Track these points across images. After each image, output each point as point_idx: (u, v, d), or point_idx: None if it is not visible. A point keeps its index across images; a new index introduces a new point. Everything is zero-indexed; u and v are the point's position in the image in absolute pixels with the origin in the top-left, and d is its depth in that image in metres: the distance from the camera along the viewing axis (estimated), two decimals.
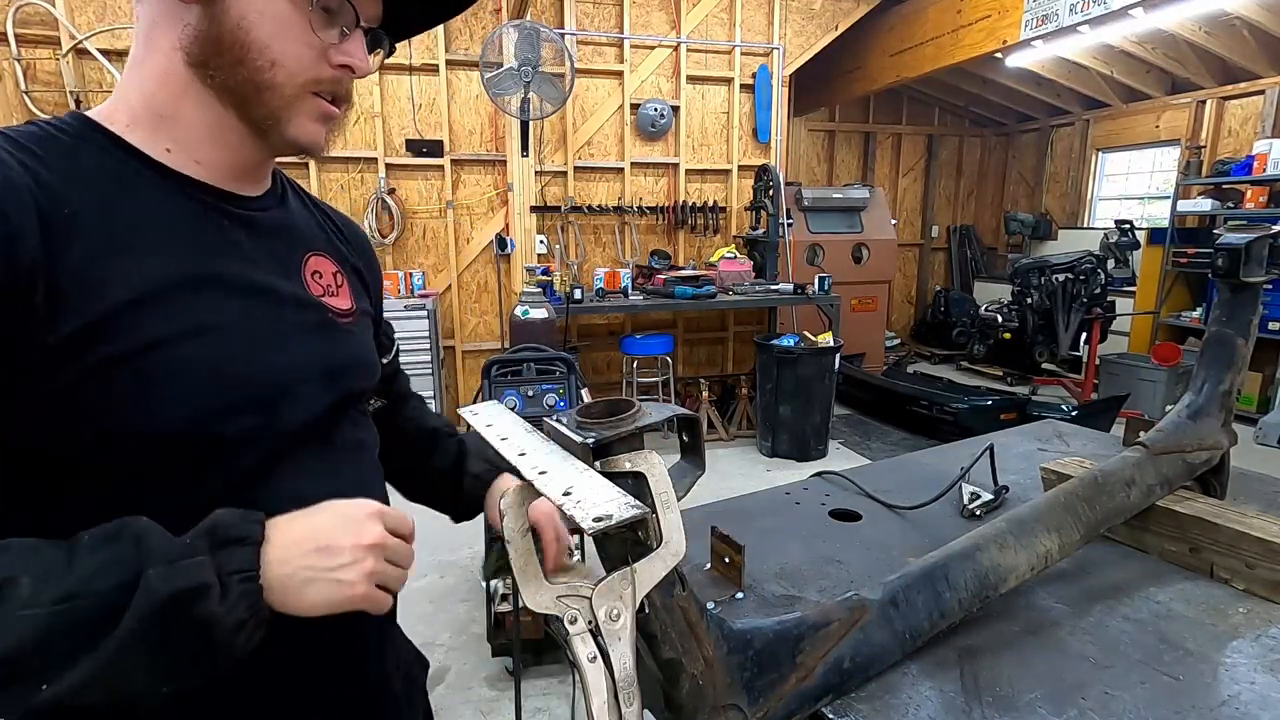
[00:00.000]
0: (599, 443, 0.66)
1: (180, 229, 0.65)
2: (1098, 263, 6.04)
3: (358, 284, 0.85)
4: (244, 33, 0.62)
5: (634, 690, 0.58)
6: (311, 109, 0.68)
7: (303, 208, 0.82)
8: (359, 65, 0.67)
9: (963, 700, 0.79)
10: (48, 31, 4.26)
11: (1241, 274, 1.13)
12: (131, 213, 0.62)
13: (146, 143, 0.65)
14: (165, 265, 0.62)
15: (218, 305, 0.64)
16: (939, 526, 1.25)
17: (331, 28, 0.66)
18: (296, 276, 0.75)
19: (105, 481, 0.59)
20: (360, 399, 0.82)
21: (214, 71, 0.63)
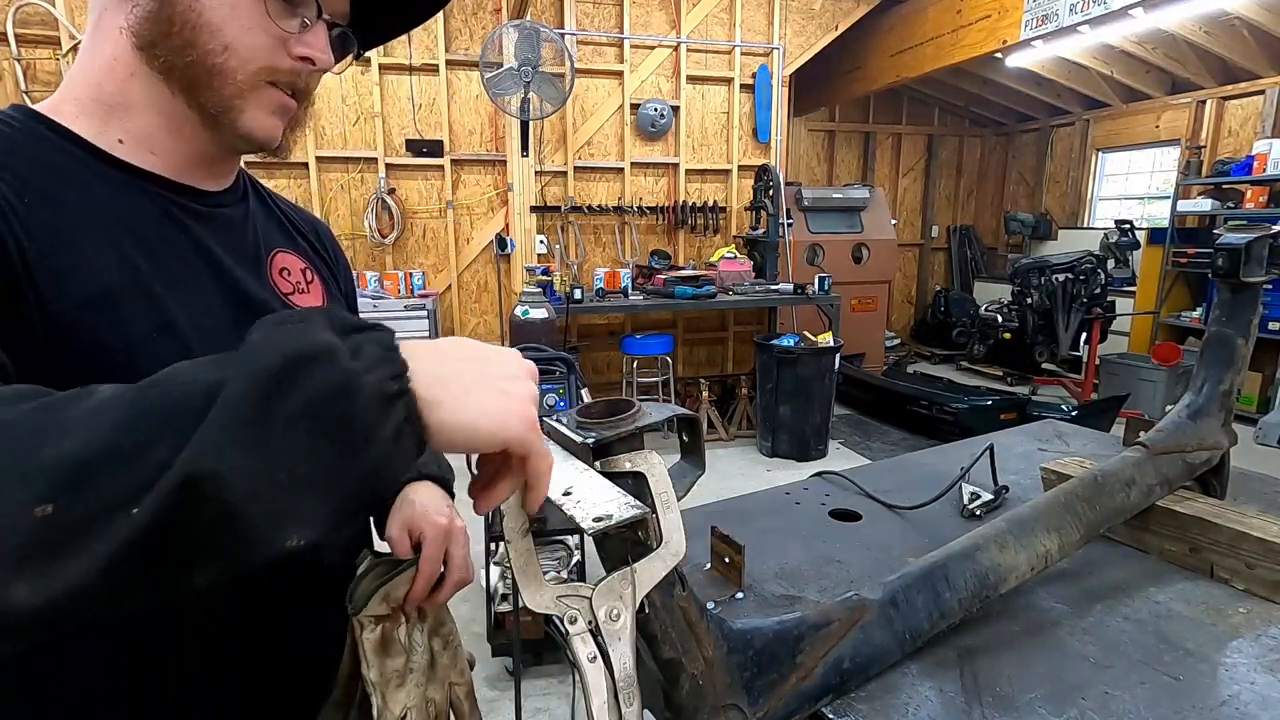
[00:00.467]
0: (599, 443, 0.66)
1: (134, 226, 0.61)
2: (1098, 263, 6.04)
3: (329, 285, 0.82)
4: (196, 14, 0.58)
5: (634, 690, 0.58)
6: (267, 101, 0.64)
7: (263, 206, 0.79)
8: (319, 57, 0.64)
9: (963, 700, 0.79)
10: (48, 31, 4.26)
11: (1241, 274, 1.13)
12: (79, 209, 0.58)
13: (97, 134, 0.61)
14: (117, 266, 0.58)
15: (177, 308, 0.61)
16: (939, 526, 1.25)
17: (292, 17, 0.62)
18: (263, 275, 0.72)
19: None
20: None
21: (161, 53, 0.59)
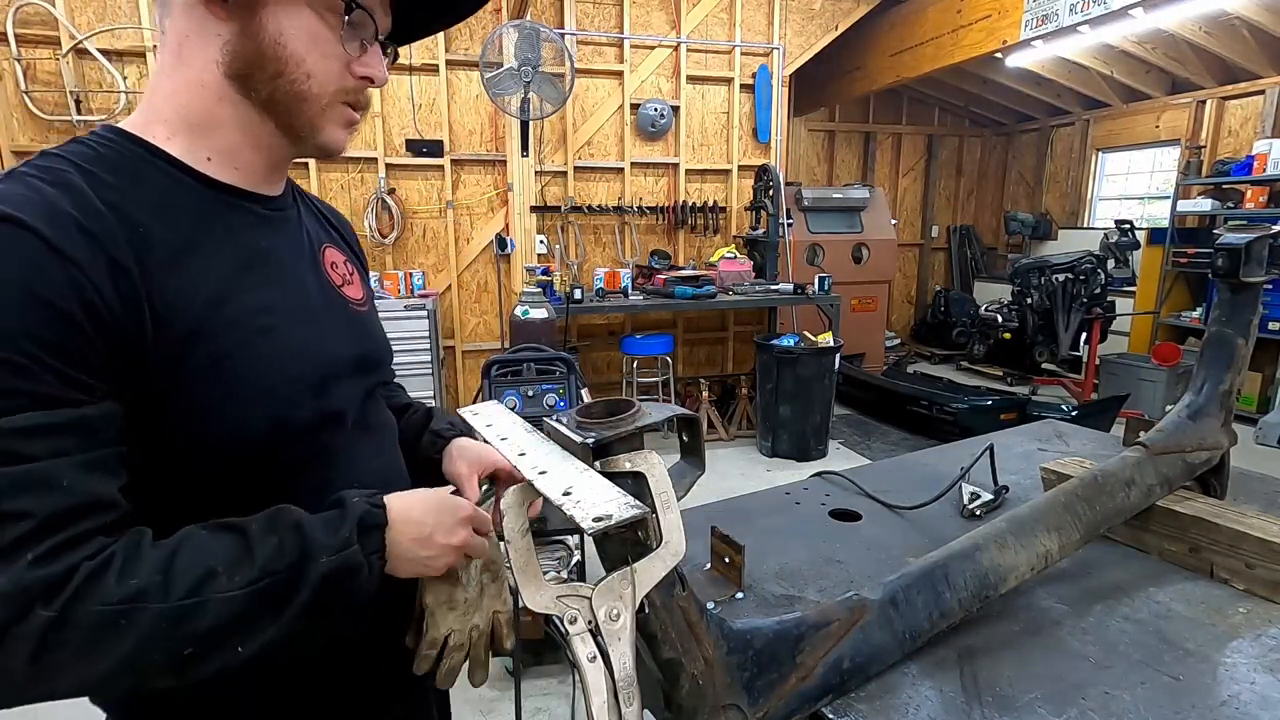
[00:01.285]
0: (599, 443, 0.66)
1: (229, 238, 0.69)
2: (1098, 263, 6.04)
3: (363, 276, 0.90)
4: (281, 47, 0.66)
5: (634, 690, 0.58)
6: (340, 117, 0.72)
7: (305, 205, 0.86)
8: (378, 76, 0.73)
9: (963, 700, 0.79)
10: (48, 31, 4.26)
11: (1241, 274, 1.13)
12: (188, 226, 0.65)
13: (188, 153, 0.68)
14: (223, 276, 0.66)
15: (271, 307, 0.70)
16: (939, 526, 1.25)
17: (355, 40, 0.70)
18: (320, 269, 0.81)
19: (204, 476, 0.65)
20: (383, 383, 0.90)
21: (257, 85, 0.67)
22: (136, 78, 4.44)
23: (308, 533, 0.62)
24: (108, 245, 0.58)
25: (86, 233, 0.57)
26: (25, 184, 0.58)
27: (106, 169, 0.62)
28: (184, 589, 0.55)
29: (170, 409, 0.62)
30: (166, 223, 0.63)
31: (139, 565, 0.55)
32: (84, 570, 0.52)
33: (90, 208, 0.58)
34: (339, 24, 0.68)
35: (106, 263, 0.57)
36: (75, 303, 0.55)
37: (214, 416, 0.64)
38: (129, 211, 0.61)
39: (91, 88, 4.38)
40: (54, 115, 4.32)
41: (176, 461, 0.64)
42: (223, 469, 0.66)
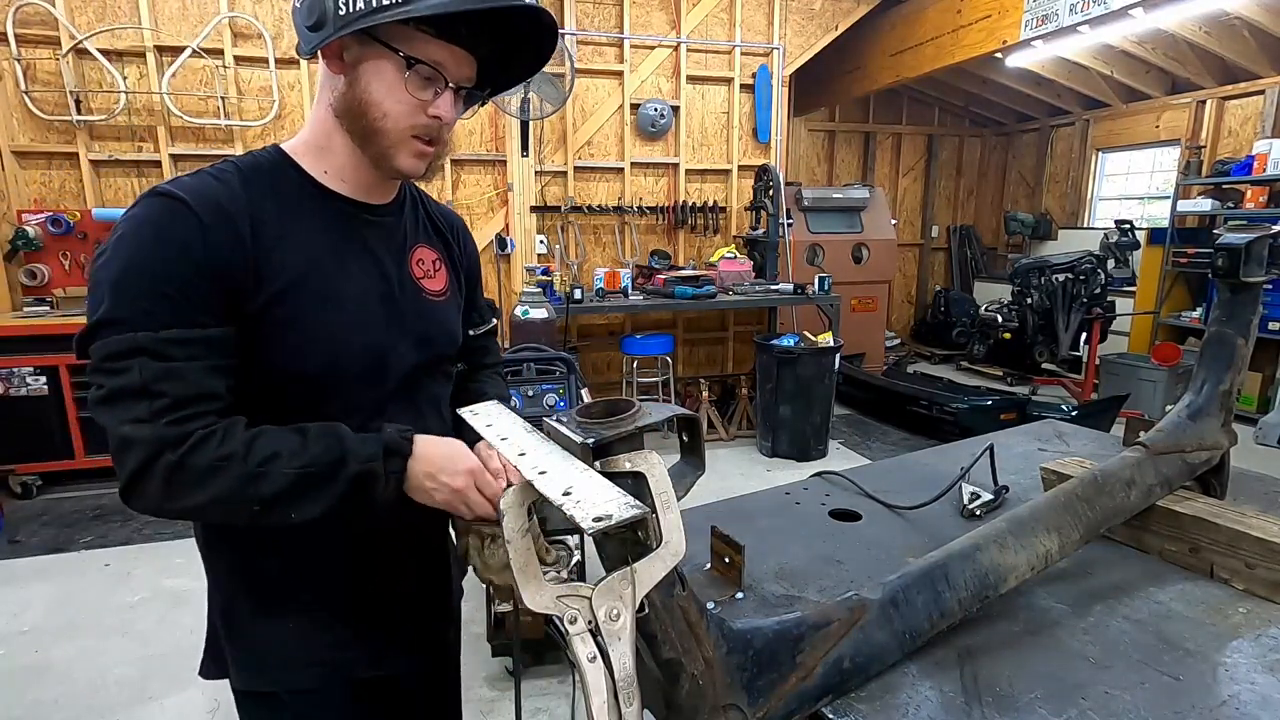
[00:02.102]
0: (599, 443, 0.66)
1: (328, 229, 0.93)
2: (1098, 263, 6.04)
3: (452, 271, 1.11)
4: (366, 94, 0.88)
5: (634, 690, 0.58)
6: (411, 149, 0.92)
7: (416, 210, 1.09)
8: (445, 116, 0.91)
9: (963, 700, 0.79)
10: (48, 31, 4.26)
11: (1241, 274, 1.13)
12: (298, 217, 0.91)
13: (313, 168, 0.94)
14: (316, 255, 0.91)
15: (342, 286, 0.92)
16: (939, 526, 1.25)
17: (428, 89, 0.89)
18: (405, 263, 1.02)
19: (281, 392, 0.89)
20: (444, 362, 1.09)
21: (346, 119, 0.91)
22: (136, 78, 4.44)
23: (348, 444, 0.84)
24: (236, 221, 0.84)
25: (223, 212, 0.83)
26: (198, 178, 0.86)
27: (258, 173, 0.90)
28: (256, 460, 0.80)
29: (259, 342, 0.86)
30: (283, 214, 0.89)
31: (232, 440, 0.80)
32: (197, 435, 0.78)
33: (233, 195, 0.85)
34: (405, 75, 0.87)
35: (231, 234, 0.83)
36: (209, 258, 0.81)
37: (284, 354, 0.88)
38: (260, 202, 0.87)
39: (91, 88, 4.38)
40: (54, 115, 4.32)
41: (261, 378, 0.87)
42: (289, 391, 0.89)
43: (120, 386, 0.77)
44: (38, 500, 4.03)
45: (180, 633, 2.72)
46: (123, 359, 0.77)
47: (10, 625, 2.78)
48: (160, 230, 0.80)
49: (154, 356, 0.77)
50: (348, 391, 0.93)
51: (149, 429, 0.77)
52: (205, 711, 2.28)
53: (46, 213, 4.32)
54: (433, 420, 1.05)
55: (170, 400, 0.78)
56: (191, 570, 3.22)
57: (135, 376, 0.77)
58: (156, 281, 0.79)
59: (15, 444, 3.97)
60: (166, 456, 0.77)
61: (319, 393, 0.91)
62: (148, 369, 0.77)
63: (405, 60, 0.86)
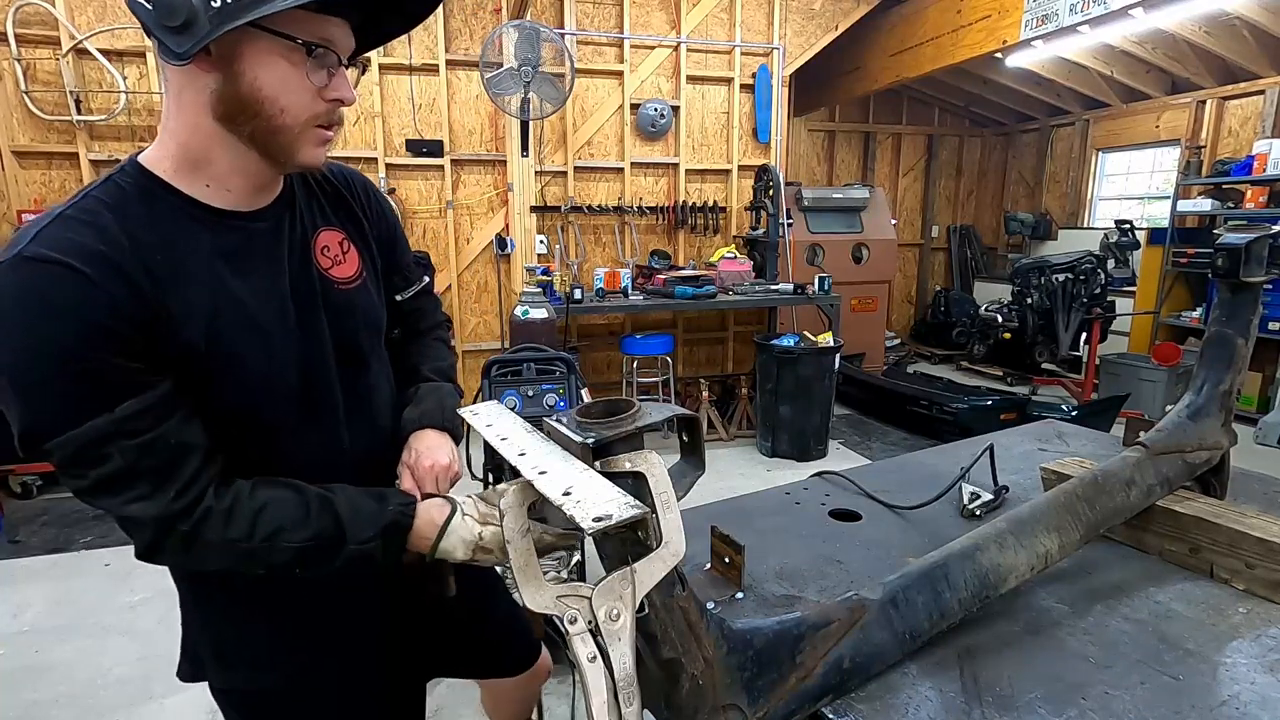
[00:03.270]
0: (599, 443, 0.66)
1: (222, 253, 0.85)
2: (1098, 263, 6.04)
3: (362, 245, 1.02)
4: (255, 90, 0.78)
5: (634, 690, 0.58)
6: (314, 138, 0.85)
7: (309, 189, 0.98)
8: (346, 98, 0.84)
9: (963, 700, 0.79)
10: (48, 31, 4.25)
11: (1241, 274, 1.13)
12: (188, 249, 0.82)
13: (189, 185, 0.83)
14: (216, 288, 0.83)
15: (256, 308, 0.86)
16: (939, 526, 1.25)
17: (322, 70, 0.81)
18: (309, 259, 0.94)
19: (228, 426, 0.85)
20: (373, 350, 1.03)
21: (240, 124, 0.80)
22: (136, 78, 4.44)
23: (345, 525, 0.86)
24: (131, 273, 0.75)
25: (113, 265, 0.74)
26: (68, 226, 0.74)
27: (127, 203, 0.79)
28: (261, 536, 0.82)
29: (190, 388, 0.81)
30: (170, 248, 0.80)
31: (239, 518, 0.81)
32: (203, 509, 0.79)
33: (116, 243, 0.75)
34: (304, 62, 0.78)
35: (129, 287, 0.75)
36: (113, 319, 0.73)
37: (218, 395, 0.84)
38: (144, 240, 0.78)
39: (91, 88, 4.38)
40: (54, 115, 4.32)
41: (213, 416, 0.84)
42: (234, 424, 0.86)
43: (106, 474, 0.74)
44: (38, 500, 4.03)
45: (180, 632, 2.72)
46: (95, 448, 0.73)
47: (10, 625, 2.78)
48: (57, 302, 0.70)
49: (124, 436, 0.73)
50: (290, 409, 0.90)
51: (155, 506, 0.76)
52: (205, 711, 2.28)
53: None
54: (379, 403, 1.04)
55: (163, 472, 0.76)
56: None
57: (118, 461, 0.74)
58: (83, 359, 0.71)
59: None
60: (179, 528, 0.78)
61: (261, 418, 0.88)
62: (126, 451, 0.73)
63: (304, 47, 0.77)
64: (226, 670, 1.00)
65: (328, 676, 1.02)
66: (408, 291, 1.14)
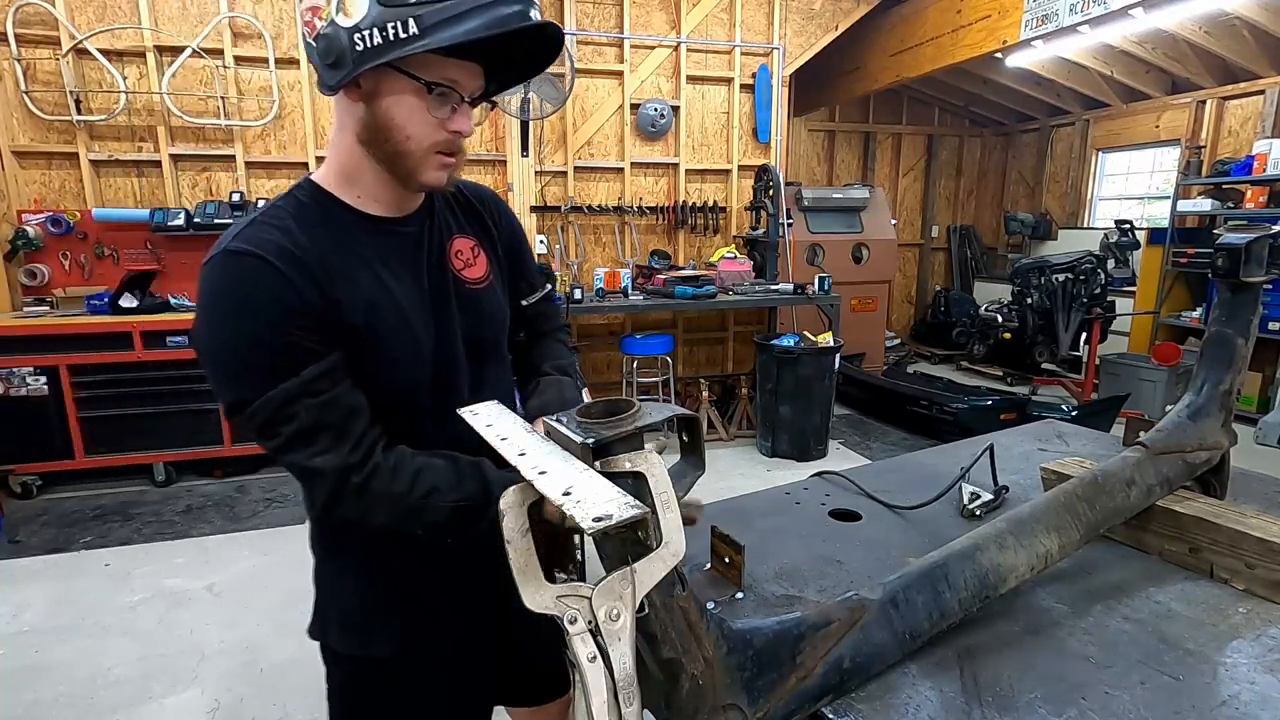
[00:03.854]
0: (599, 443, 0.66)
1: (377, 253, 1.00)
2: (1098, 263, 6.04)
3: (491, 251, 1.17)
4: (389, 119, 0.93)
5: (634, 690, 0.58)
6: (435, 163, 0.98)
7: (447, 203, 1.14)
8: (464, 130, 0.98)
9: (963, 700, 0.79)
10: (48, 31, 4.25)
11: (1241, 274, 1.13)
12: (351, 249, 0.97)
13: (346, 195, 1.00)
14: (372, 281, 0.98)
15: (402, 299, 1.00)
16: (939, 526, 1.25)
17: (445, 106, 0.94)
18: (445, 261, 1.09)
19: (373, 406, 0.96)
20: (496, 347, 1.17)
21: (373, 147, 0.96)
22: (136, 78, 4.44)
23: (493, 488, 0.94)
24: (310, 267, 0.91)
25: (297, 259, 0.90)
26: (257, 228, 0.92)
27: (305, 211, 0.97)
28: (420, 493, 0.92)
29: (357, 363, 0.95)
30: (337, 248, 0.96)
31: (402, 475, 0.92)
32: (373, 464, 0.90)
33: (297, 241, 0.92)
34: (427, 99, 0.93)
35: (310, 278, 0.91)
36: (299, 302, 0.89)
37: (369, 376, 0.96)
38: (319, 241, 0.94)
39: (91, 88, 4.38)
40: (54, 115, 4.32)
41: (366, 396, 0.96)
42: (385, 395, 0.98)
43: (296, 431, 0.88)
44: (38, 500, 4.03)
45: (180, 632, 2.72)
46: (287, 408, 0.88)
47: (10, 625, 2.78)
48: (252, 289, 0.88)
49: (310, 395, 0.88)
50: (424, 393, 1.04)
51: (335, 458, 0.89)
52: (205, 711, 2.28)
53: (46, 213, 4.32)
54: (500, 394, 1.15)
55: (339, 427, 0.90)
56: (191, 570, 3.22)
57: (304, 418, 0.88)
58: (276, 334, 0.88)
59: (15, 444, 3.97)
60: (353, 480, 0.89)
61: (404, 400, 1.01)
62: (310, 409, 0.88)
63: (426, 86, 0.91)
64: (346, 635, 1.10)
65: (436, 653, 1.11)
66: (532, 297, 1.26)
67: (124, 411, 4.08)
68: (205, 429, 4.22)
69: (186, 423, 4.19)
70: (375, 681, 1.12)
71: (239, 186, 4.66)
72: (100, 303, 4.11)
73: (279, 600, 2.95)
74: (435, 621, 1.10)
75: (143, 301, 4.15)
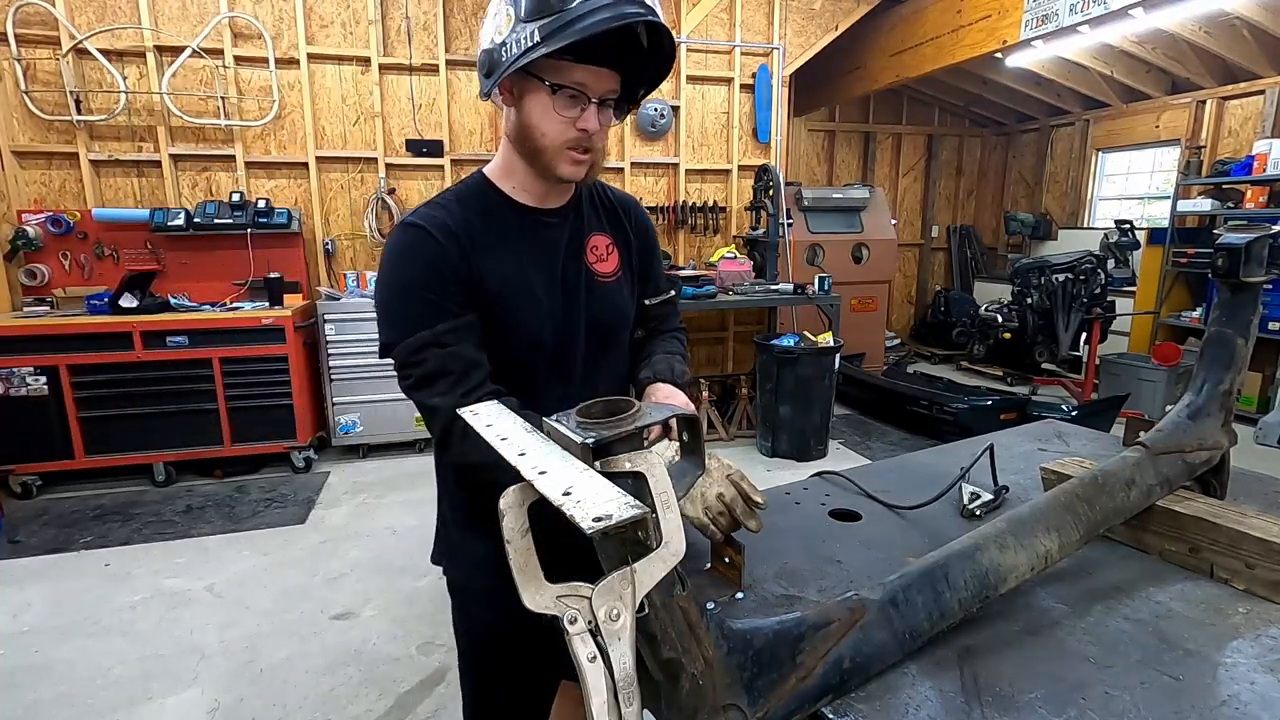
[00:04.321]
0: (599, 443, 0.66)
1: (522, 235, 1.17)
2: (1098, 263, 6.03)
3: (624, 251, 1.31)
4: (528, 119, 1.08)
5: (634, 690, 0.58)
6: (568, 158, 1.11)
7: (594, 203, 1.29)
8: (590, 128, 1.08)
9: (963, 700, 0.79)
10: (48, 31, 4.26)
11: (1241, 274, 1.13)
12: (500, 230, 1.15)
13: (505, 186, 1.18)
14: (512, 260, 1.14)
15: (536, 280, 1.16)
16: (939, 526, 1.25)
17: (574, 107, 1.06)
18: (581, 253, 1.24)
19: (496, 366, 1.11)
20: (616, 333, 1.29)
21: (519, 144, 1.12)
22: (136, 78, 4.44)
23: None
24: (460, 239, 1.09)
25: (451, 232, 1.09)
26: (430, 207, 1.13)
27: (469, 196, 1.16)
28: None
29: (490, 325, 1.11)
30: (489, 228, 1.13)
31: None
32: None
33: (456, 219, 1.11)
34: (556, 100, 1.05)
35: (459, 247, 1.09)
36: (447, 267, 1.07)
37: (497, 338, 1.12)
38: (474, 221, 1.12)
39: (91, 88, 4.38)
40: (54, 115, 4.32)
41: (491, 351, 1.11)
42: (501, 367, 1.11)
43: (423, 374, 1.05)
44: (38, 500, 4.03)
45: (180, 632, 2.72)
46: (419, 353, 1.05)
47: (10, 625, 2.78)
48: (414, 253, 1.07)
49: (438, 345, 1.04)
50: (544, 363, 1.17)
51: (449, 399, 1.03)
52: (205, 711, 2.28)
53: (46, 213, 4.32)
54: (607, 384, 1.27)
55: (457, 375, 1.05)
56: (191, 570, 3.22)
57: (432, 364, 1.04)
58: (424, 291, 1.06)
59: (15, 444, 3.97)
60: (459, 421, 0.96)
61: (522, 363, 1.15)
62: (435, 356, 1.04)
63: (550, 87, 1.04)
64: (454, 566, 1.30)
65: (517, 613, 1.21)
66: (655, 299, 1.39)
67: (124, 411, 4.09)
68: (205, 429, 4.22)
69: (186, 423, 4.19)
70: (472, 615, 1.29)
71: (239, 186, 4.66)
72: (100, 303, 4.11)
73: (279, 600, 2.95)
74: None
75: (143, 301, 4.15)
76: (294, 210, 4.69)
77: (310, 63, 4.69)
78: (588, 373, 1.23)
